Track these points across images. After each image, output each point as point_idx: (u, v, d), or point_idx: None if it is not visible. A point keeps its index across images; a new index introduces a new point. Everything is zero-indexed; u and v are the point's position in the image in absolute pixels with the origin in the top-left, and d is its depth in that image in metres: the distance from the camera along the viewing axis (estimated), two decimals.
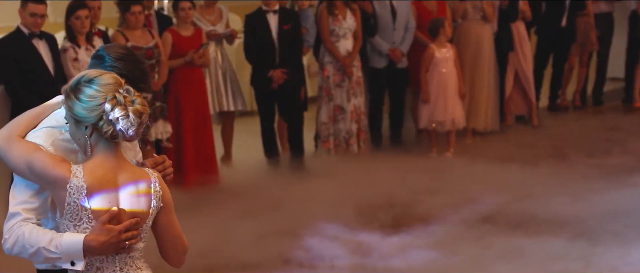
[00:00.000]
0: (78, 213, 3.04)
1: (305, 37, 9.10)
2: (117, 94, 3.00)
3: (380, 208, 7.55)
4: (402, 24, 9.46)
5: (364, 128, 9.29)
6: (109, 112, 2.99)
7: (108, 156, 3.07)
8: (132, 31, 7.79)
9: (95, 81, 3.01)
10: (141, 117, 3.03)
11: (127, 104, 3.01)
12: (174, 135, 8.11)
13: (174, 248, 3.27)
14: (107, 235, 3.03)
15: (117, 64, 3.24)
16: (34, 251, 3.07)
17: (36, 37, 7.09)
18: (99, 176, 3.04)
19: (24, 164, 3.05)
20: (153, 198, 3.13)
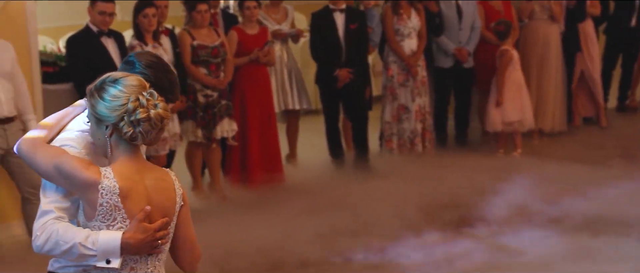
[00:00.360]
0: (112, 214, 3.02)
1: (371, 37, 9.09)
2: (141, 96, 3.00)
3: (446, 207, 7.51)
4: (468, 24, 9.40)
5: (429, 128, 9.24)
6: (131, 113, 2.99)
7: (131, 158, 3.07)
8: (198, 30, 7.85)
9: (120, 81, 3.02)
10: (162, 122, 3.03)
11: (149, 107, 3.00)
12: (239, 133, 8.15)
13: (190, 250, 3.24)
14: (144, 233, 3.04)
15: (146, 71, 3.24)
16: (68, 247, 3.03)
17: (105, 35, 7.18)
18: (128, 177, 3.04)
19: (52, 168, 3.04)
20: (177, 195, 3.15)
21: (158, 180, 3.10)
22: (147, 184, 3.08)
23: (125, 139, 3.03)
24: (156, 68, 3.27)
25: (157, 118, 3.01)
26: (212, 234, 6.87)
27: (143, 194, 3.06)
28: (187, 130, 7.84)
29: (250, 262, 6.38)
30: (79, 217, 3.10)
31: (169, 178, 3.15)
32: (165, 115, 3.04)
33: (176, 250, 3.23)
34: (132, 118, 2.98)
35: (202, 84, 7.80)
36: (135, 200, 3.04)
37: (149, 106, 3.00)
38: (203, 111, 7.82)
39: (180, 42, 7.77)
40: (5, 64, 6.51)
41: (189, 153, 8.04)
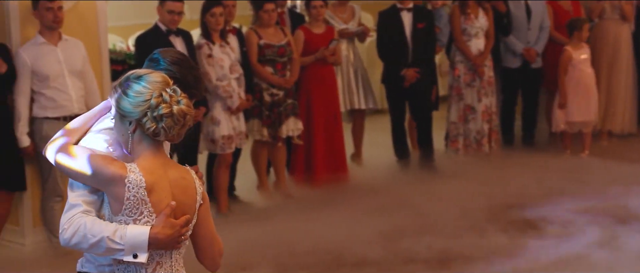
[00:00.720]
0: (138, 207, 3.05)
1: (438, 37, 9.05)
2: (164, 93, 3.03)
3: (511, 208, 7.46)
4: (537, 24, 9.31)
5: (495, 128, 9.17)
6: (154, 109, 3.01)
7: (154, 153, 3.10)
8: (265, 29, 7.89)
9: (144, 77, 3.04)
10: (185, 118, 3.06)
11: (172, 103, 3.03)
12: (304, 132, 8.17)
13: (210, 247, 3.27)
14: (171, 228, 3.07)
15: (172, 67, 3.26)
16: (96, 241, 3.04)
17: (173, 34, 7.25)
18: (153, 171, 3.07)
19: (77, 167, 3.08)
20: (197, 194, 3.18)
21: (179, 178, 3.13)
22: (170, 180, 3.11)
23: (148, 134, 3.06)
24: (181, 65, 3.30)
25: (179, 113, 3.03)
26: (277, 232, 6.93)
27: (168, 189, 3.09)
28: (253, 129, 7.89)
29: (313, 260, 6.40)
30: (103, 212, 3.11)
31: (189, 177, 3.17)
32: (188, 111, 3.06)
33: (197, 247, 3.26)
34: (155, 113, 3.01)
35: (268, 83, 7.85)
36: (161, 195, 3.07)
37: (172, 102, 3.03)
38: (269, 110, 7.86)
39: (247, 41, 7.82)
40: (77, 63, 6.63)
41: (255, 152, 8.10)
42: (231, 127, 7.47)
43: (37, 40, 6.52)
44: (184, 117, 3.05)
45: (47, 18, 6.45)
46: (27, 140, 6.44)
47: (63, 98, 6.52)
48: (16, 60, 6.46)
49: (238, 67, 7.52)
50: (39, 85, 6.48)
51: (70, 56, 6.59)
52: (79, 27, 6.78)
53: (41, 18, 6.48)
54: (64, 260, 6.41)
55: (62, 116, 6.53)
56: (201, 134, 7.45)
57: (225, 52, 7.45)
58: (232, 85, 7.42)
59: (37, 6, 6.47)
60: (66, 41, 6.61)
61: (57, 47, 6.55)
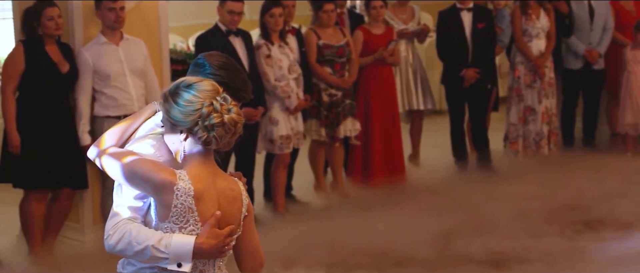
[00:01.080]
0: (185, 216, 3.05)
1: (500, 38, 8.99)
2: (215, 102, 3.02)
3: (570, 209, 7.39)
4: (599, 25, 9.21)
5: (555, 130, 9.08)
6: (205, 118, 3.01)
7: (204, 162, 3.11)
8: (325, 29, 7.91)
9: (194, 86, 3.04)
10: (236, 126, 3.06)
11: (223, 111, 3.03)
12: (362, 133, 8.17)
13: (252, 259, 3.28)
14: (216, 238, 3.08)
15: (219, 72, 3.23)
16: (140, 249, 3.05)
17: (232, 34, 7.30)
18: (202, 180, 3.07)
19: (126, 172, 3.09)
20: (243, 205, 3.19)
21: (227, 188, 3.15)
22: (217, 190, 3.12)
23: (200, 143, 3.06)
24: (228, 68, 3.27)
25: (230, 122, 3.03)
26: (333, 232, 6.95)
27: (215, 198, 3.10)
28: (311, 129, 7.91)
29: (368, 259, 6.41)
30: (148, 218, 3.13)
31: (237, 188, 3.18)
32: (238, 119, 3.06)
33: (239, 258, 3.27)
34: (207, 122, 3.02)
35: (326, 84, 7.86)
36: (208, 204, 3.08)
37: (223, 110, 3.03)
38: (327, 110, 7.88)
39: (306, 42, 7.84)
40: (138, 62, 6.71)
41: (312, 152, 8.12)
42: (289, 127, 7.50)
43: (99, 40, 6.61)
44: (234, 125, 3.06)
45: (109, 18, 6.53)
46: (88, 138, 6.54)
47: (124, 97, 6.60)
48: (78, 59, 6.55)
49: (297, 67, 7.54)
50: (100, 84, 6.57)
51: (131, 55, 6.67)
52: (140, 27, 6.86)
53: (103, 18, 6.57)
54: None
55: (123, 115, 6.61)
56: (259, 134, 7.49)
57: (284, 53, 7.48)
58: (290, 85, 7.44)
59: (99, 6, 6.55)
60: (127, 40, 6.69)
61: (119, 47, 6.63)
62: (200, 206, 3.06)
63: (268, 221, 7.47)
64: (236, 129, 3.07)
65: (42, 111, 6.39)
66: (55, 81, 6.41)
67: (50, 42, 6.42)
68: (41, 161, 6.37)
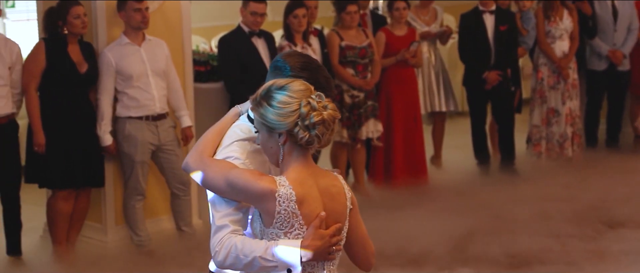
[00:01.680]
0: (289, 221, 3.03)
1: (524, 40, 8.95)
2: (311, 100, 2.99)
3: (593, 212, 7.34)
4: (624, 25, 9.16)
5: (579, 132, 9.04)
6: (305, 118, 2.97)
7: (303, 163, 3.07)
8: (347, 30, 7.90)
9: (287, 87, 3.00)
10: (334, 122, 3.02)
11: (320, 109, 2.98)
12: (384, 134, 8.16)
13: (363, 249, 3.24)
14: (320, 239, 3.04)
15: (301, 74, 3.18)
16: (249, 261, 3.05)
17: (255, 36, 7.31)
18: (302, 183, 3.04)
19: (223, 183, 3.06)
20: (347, 199, 3.15)
21: (329, 186, 3.10)
22: (320, 189, 3.08)
23: (301, 144, 3.02)
24: (309, 69, 3.23)
25: (330, 119, 3.00)
26: None
27: (318, 199, 3.07)
28: None
29: (390, 259, 6.41)
30: (254, 224, 3.12)
31: (338, 183, 3.14)
32: (336, 115, 3.02)
33: (350, 250, 3.23)
34: (307, 122, 2.97)
35: (348, 85, 7.86)
36: (311, 206, 3.05)
37: (320, 108, 2.99)
38: (349, 112, 7.87)
39: (329, 43, 7.84)
40: (160, 63, 6.73)
41: (334, 153, 8.12)
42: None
43: (121, 40, 6.63)
44: (333, 121, 3.02)
45: (135, 19, 6.55)
46: (110, 139, 6.56)
47: (146, 98, 6.62)
48: (101, 60, 6.58)
49: None
50: (122, 85, 6.59)
51: (153, 56, 6.69)
52: (163, 28, 6.88)
53: (128, 19, 6.58)
54: (145, 258, 6.53)
55: (144, 116, 6.63)
56: None
57: (308, 54, 7.47)
58: None
59: (123, 7, 6.56)
60: (149, 41, 6.71)
61: (141, 48, 6.65)
62: (304, 209, 3.04)
63: None
64: (334, 125, 3.04)
65: (62, 110, 6.42)
66: (73, 81, 6.43)
67: (73, 42, 6.45)
68: (65, 160, 6.39)
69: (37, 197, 6.90)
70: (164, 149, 6.73)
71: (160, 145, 6.70)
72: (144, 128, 6.62)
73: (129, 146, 6.63)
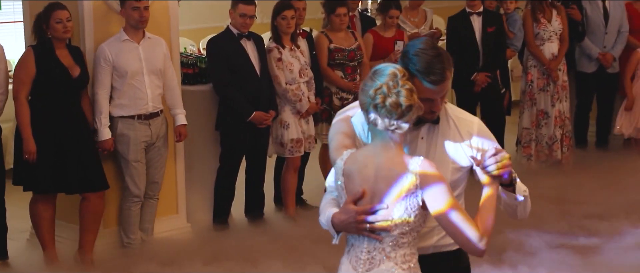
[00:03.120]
0: (340, 193, 3.33)
1: (512, 42, 8.94)
2: (385, 86, 3.19)
3: (583, 214, 7.33)
4: (614, 28, 9.16)
5: (569, 134, 9.03)
6: (379, 102, 3.19)
7: (377, 143, 3.29)
8: (336, 33, 7.87)
9: (377, 72, 3.25)
10: (399, 108, 3.18)
11: (389, 94, 3.18)
12: None
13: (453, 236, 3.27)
14: (346, 214, 3.25)
15: (414, 58, 3.35)
16: (322, 223, 3.39)
17: (244, 38, 7.28)
18: (358, 161, 3.29)
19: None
20: (402, 188, 3.22)
21: (385, 168, 3.25)
22: (376, 168, 3.26)
23: (369, 123, 3.27)
24: (419, 54, 3.36)
25: (392, 105, 3.17)
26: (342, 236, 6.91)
27: (368, 178, 3.26)
28: (322, 132, 7.87)
29: None
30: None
31: (400, 169, 3.23)
32: (407, 102, 3.18)
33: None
34: (373, 104, 3.21)
35: (337, 87, 7.83)
36: (357, 183, 3.27)
37: (389, 93, 3.19)
38: None
39: (317, 45, 7.81)
40: (158, 61, 6.69)
41: (323, 156, 8.08)
42: (300, 131, 7.47)
43: (120, 36, 6.61)
44: (397, 107, 3.18)
45: (134, 17, 6.53)
46: (108, 133, 6.52)
47: (139, 96, 6.59)
48: (98, 54, 6.56)
49: (308, 70, 7.51)
50: (118, 81, 6.56)
51: (151, 54, 6.66)
52: (150, 29, 6.82)
53: (127, 17, 6.57)
54: (129, 262, 6.47)
55: (137, 115, 6.60)
56: (270, 138, 7.45)
57: (295, 56, 7.45)
58: (301, 89, 7.41)
59: (123, 5, 6.55)
60: (149, 39, 6.69)
61: (139, 46, 6.62)
62: (349, 184, 3.28)
63: (280, 225, 7.46)
64: (401, 111, 3.19)
65: (54, 116, 6.36)
66: (66, 86, 6.38)
67: (61, 46, 6.40)
68: (52, 165, 6.33)
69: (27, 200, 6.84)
70: (152, 149, 6.72)
71: (152, 142, 6.70)
72: (136, 127, 6.60)
73: (121, 146, 6.61)
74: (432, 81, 3.33)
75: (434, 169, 3.23)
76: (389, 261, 3.26)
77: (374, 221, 3.23)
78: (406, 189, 3.21)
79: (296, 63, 7.44)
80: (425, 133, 3.51)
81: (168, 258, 6.55)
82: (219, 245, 6.89)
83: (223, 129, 7.30)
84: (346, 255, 3.36)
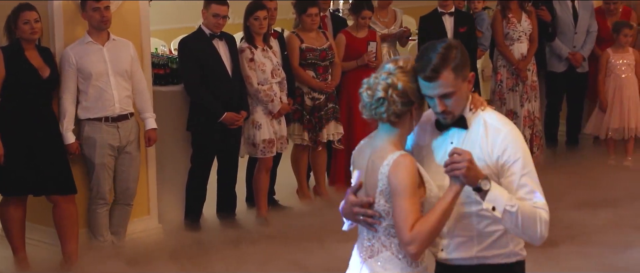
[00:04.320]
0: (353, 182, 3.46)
1: (480, 41, 8.98)
2: (389, 78, 3.31)
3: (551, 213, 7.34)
4: (583, 28, 9.22)
5: (539, 134, 9.08)
6: (378, 93, 3.31)
7: (378, 134, 3.41)
8: (307, 33, 7.87)
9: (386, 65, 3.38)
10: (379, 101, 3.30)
11: (386, 87, 3.30)
12: (345, 137, 8.14)
13: (399, 233, 3.28)
14: (346, 202, 3.41)
15: (442, 51, 3.34)
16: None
17: (216, 38, 7.25)
18: (360, 150, 3.48)
19: None
20: (379, 180, 3.30)
21: (370, 160, 3.37)
22: (368, 160, 3.38)
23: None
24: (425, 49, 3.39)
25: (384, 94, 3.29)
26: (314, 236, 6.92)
27: (362, 168, 3.39)
28: (294, 133, 7.87)
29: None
30: None
31: (380, 162, 3.32)
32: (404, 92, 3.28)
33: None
34: (377, 96, 3.33)
35: (309, 87, 7.83)
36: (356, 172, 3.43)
37: (385, 86, 3.31)
38: (310, 114, 7.84)
39: (289, 45, 7.80)
40: (123, 63, 6.64)
41: (295, 156, 8.08)
42: (272, 131, 7.46)
43: (84, 39, 6.57)
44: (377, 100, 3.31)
45: (95, 18, 6.49)
46: (72, 137, 6.48)
47: (105, 98, 6.54)
48: (62, 58, 6.52)
49: (280, 71, 7.50)
50: (83, 83, 6.52)
51: (117, 56, 6.61)
52: (121, 30, 6.80)
53: (89, 19, 6.52)
54: (98, 262, 6.44)
55: (104, 117, 6.55)
56: (242, 138, 7.44)
57: (267, 57, 7.44)
58: (273, 89, 7.40)
59: (85, 7, 6.50)
60: (114, 41, 6.65)
61: (104, 47, 6.57)
62: (354, 173, 3.45)
63: (252, 225, 7.45)
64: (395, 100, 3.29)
65: (24, 117, 6.31)
66: (36, 87, 6.33)
67: (30, 48, 6.35)
68: (22, 167, 6.28)
69: None
70: (123, 151, 6.66)
71: (121, 146, 6.63)
72: (102, 130, 6.55)
73: (88, 149, 6.57)
74: (423, 78, 3.32)
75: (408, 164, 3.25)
76: (386, 250, 3.35)
77: (364, 213, 3.32)
78: (380, 184, 3.29)
79: (268, 63, 7.43)
80: (456, 138, 3.46)
81: (137, 258, 6.54)
82: (190, 245, 6.88)
83: (194, 129, 7.28)
84: (356, 243, 3.48)
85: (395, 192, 3.25)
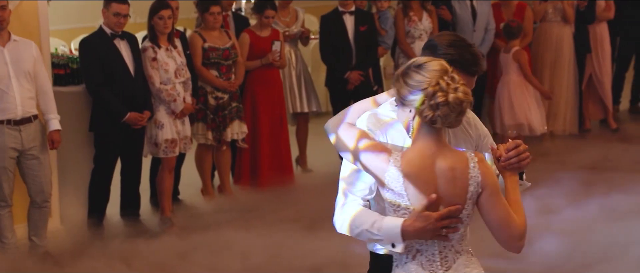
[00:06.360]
0: (397, 199, 3.18)
1: (383, 39, 9.07)
2: (441, 81, 3.09)
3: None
4: (482, 25, 9.38)
5: None
6: (431, 97, 3.09)
7: (428, 142, 3.18)
8: (210, 32, 7.85)
9: (423, 66, 3.13)
10: (461, 105, 3.11)
11: (449, 91, 3.09)
12: (249, 136, 8.15)
13: (499, 232, 3.21)
14: (424, 221, 3.13)
15: (448, 50, 3.31)
16: (358, 232, 3.27)
17: (118, 37, 7.18)
18: (416, 164, 3.16)
19: (351, 149, 3.27)
20: (470, 184, 3.18)
21: (447, 169, 3.16)
22: (437, 170, 3.16)
23: (426, 122, 3.14)
24: (457, 45, 3.34)
25: (455, 101, 3.08)
26: (223, 237, 6.91)
27: (430, 180, 3.16)
28: (198, 132, 7.85)
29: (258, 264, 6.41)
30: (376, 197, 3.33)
31: (461, 166, 3.18)
32: (464, 98, 3.11)
33: (492, 233, 3.25)
34: (432, 101, 3.09)
35: (213, 87, 7.82)
36: (420, 187, 3.15)
37: (449, 89, 3.09)
38: (213, 114, 7.83)
39: (191, 45, 7.77)
40: (26, 64, 6.50)
41: (199, 156, 8.06)
42: (175, 131, 7.42)
43: None
44: (460, 105, 3.11)
45: None
46: None
47: (7, 100, 6.41)
48: None
49: (185, 71, 7.47)
50: None
51: (18, 57, 6.47)
52: (19, 29, 6.68)
53: None
54: None
55: (6, 120, 6.42)
56: (145, 138, 7.38)
57: (171, 56, 7.40)
58: (176, 89, 7.37)
59: None
60: (15, 41, 6.50)
61: (5, 49, 6.44)
62: (410, 190, 3.16)
63: (155, 225, 7.42)
64: (462, 108, 3.12)
65: None
66: None
67: None
68: None
69: None
70: (27, 155, 6.53)
71: (24, 150, 6.49)
72: (4, 133, 6.41)
73: None
74: (473, 72, 3.35)
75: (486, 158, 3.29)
76: (461, 255, 3.25)
77: (455, 223, 3.17)
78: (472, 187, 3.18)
79: (172, 63, 7.38)
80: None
81: (36, 259, 6.46)
82: (91, 246, 6.82)
83: (97, 130, 7.20)
84: (412, 263, 3.24)
85: (494, 189, 3.19)
